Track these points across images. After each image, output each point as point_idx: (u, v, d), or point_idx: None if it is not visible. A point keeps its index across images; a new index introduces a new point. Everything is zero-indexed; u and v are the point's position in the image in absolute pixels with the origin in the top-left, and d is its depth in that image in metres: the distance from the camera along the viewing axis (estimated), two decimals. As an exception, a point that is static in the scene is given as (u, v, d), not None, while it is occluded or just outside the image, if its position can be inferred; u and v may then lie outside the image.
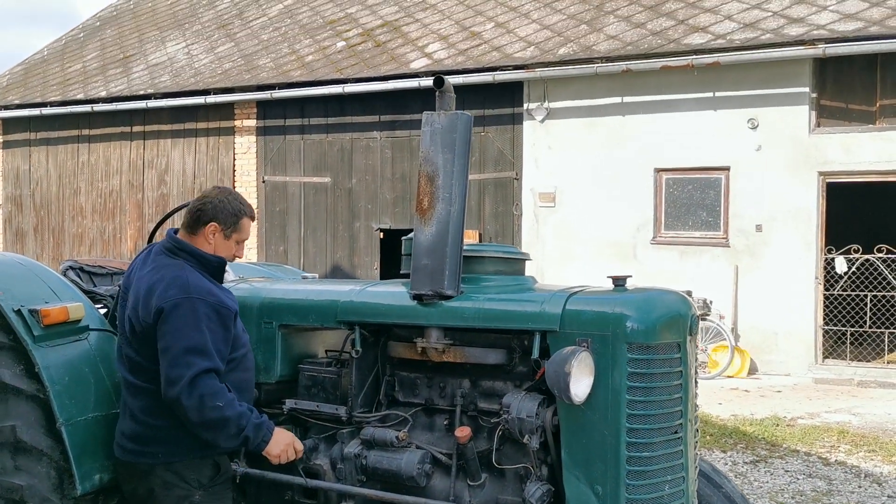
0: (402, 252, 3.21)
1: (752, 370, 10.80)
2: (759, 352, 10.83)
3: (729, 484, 3.39)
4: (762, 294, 10.77)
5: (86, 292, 3.44)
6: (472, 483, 2.88)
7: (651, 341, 2.62)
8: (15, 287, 3.05)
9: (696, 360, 2.95)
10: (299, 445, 2.93)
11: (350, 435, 3.11)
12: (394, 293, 3.11)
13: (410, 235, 3.09)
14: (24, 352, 2.95)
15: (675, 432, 2.69)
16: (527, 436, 2.69)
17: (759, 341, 10.83)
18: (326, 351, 3.42)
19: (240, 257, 3.12)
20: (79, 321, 3.08)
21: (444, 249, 2.90)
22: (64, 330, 3.04)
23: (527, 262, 3.28)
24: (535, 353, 2.74)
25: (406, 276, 3.09)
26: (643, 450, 2.60)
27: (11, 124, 15.79)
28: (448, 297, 2.92)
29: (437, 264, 2.90)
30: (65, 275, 3.69)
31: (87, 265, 4.09)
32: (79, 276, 3.97)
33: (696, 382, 2.91)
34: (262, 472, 3.15)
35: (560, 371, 2.48)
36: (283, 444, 2.87)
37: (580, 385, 2.52)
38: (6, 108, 15.49)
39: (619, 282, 2.84)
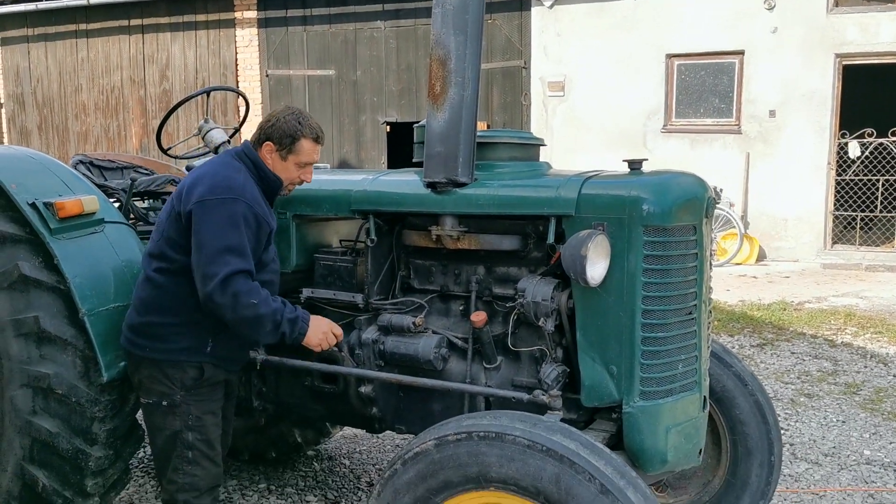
0: (415, 140, 3.17)
1: (761, 257, 10.86)
2: (768, 239, 10.86)
3: (739, 364, 3.46)
4: (773, 181, 10.71)
5: (98, 186, 3.43)
6: (487, 366, 2.94)
7: (667, 223, 2.61)
8: (28, 181, 3.05)
9: (712, 241, 2.95)
10: (338, 330, 2.94)
11: (367, 322, 3.16)
12: (407, 181, 3.09)
13: (423, 122, 3.04)
14: (41, 244, 2.96)
15: (690, 313, 2.72)
16: (542, 319, 2.72)
17: (768, 228, 10.84)
18: (341, 241, 3.43)
19: (307, 181, 3.00)
20: (93, 214, 3.09)
21: (457, 136, 2.86)
22: (80, 223, 3.05)
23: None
24: (551, 238, 2.74)
25: (419, 164, 3.07)
26: (658, 330, 2.63)
27: (8, 20, 15.41)
28: (462, 185, 2.90)
29: (451, 151, 2.87)
30: (75, 169, 3.67)
31: (96, 159, 4.07)
32: (89, 171, 3.96)
33: (710, 265, 2.92)
34: (281, 360, 3.23)
35: (576, 254, 2.49)
36: (320, 332, 2.87)
37: (596, 268, 2.53)
38: (1, 3, 15.09)
39: (634, 165, 2.81)
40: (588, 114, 11.57)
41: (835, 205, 10.60)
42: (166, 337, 2.84)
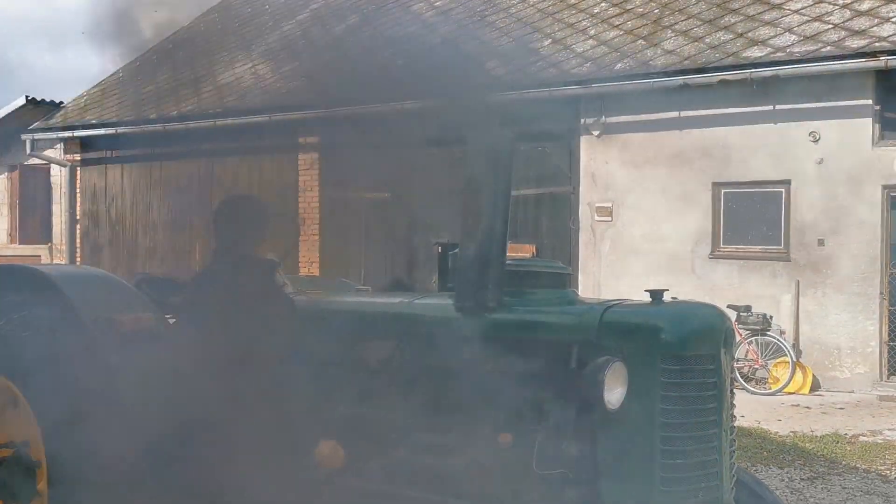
0: (449, 266, 3.38)
1: (815, 386, 10.62)
2: (821, 368, 10.65)
3: (771, 495, 3.46)
4: (825, 309, 10.60)
5: (157, 303, 3.69)
6: (514, 487, 3.01)
7: (684, 353, 2.72)
8: (93, 298, 3.33)
9: (733, 371, 3.03)
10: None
11: (399, 440, 3.27)
12: (440, 305, 3.28)
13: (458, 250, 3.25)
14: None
15: (710, 441, 2.79)
16: (565, 442, 2.82)
17: (821, 357, 10.65)
18: (378, 360, 3.59)
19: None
20: (150, 329, 3.33)
21: (486, 264, 3.06)
22: (137, 338, 3.29)
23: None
24: (573, 363, 2.87)
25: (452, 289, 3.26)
26: (676, 457, 2.70)
27: (89, 143, 16.52)
28: (490, 310, 3.07)
29: (480, 278, 3.06)
30: (138, 286, 3.95)
31: (158, 277, 4.36)
32: (150, 288, 4.24)
33: (732, 393, 2.99)
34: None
35: (594, 380, 2.61)
36: None
37: (613, 394, 2.65)
38: (84, 126, 16.23)
39: (655, 295, 2.95)
40: (636, 239, 11.73)
41: (889, 335, 10.41)
42: None
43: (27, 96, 16.60)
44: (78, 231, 16.83)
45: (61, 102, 17.53)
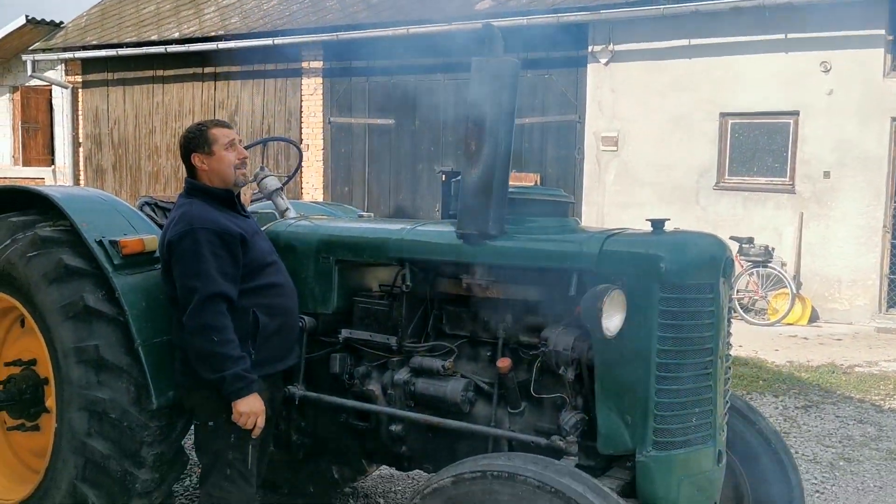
0: (452, 193, 3.38)
1: (814, 318, 10.71)
2: (821, 300, 10.72)
3: (763, 421, 3.52)
4: (827, 241, 10.62)
5: (159, 226, 3.72)
6: (511, 410, 3.08)
7: (683, 281, 2.74)
8: (97, 220, 3.35)
9: (730, 300, 3.05)
10: (262, 421, 3.07)
11: (400, 363, 3.33)
12: (442, 232, 3.29)
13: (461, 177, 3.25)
14: (105, 279, 3.25)
15: (705, 368, 2.83)
16: (563, 368, 2.87)
17: (821, 289, 10.72)
18: (380, 285, 3.63)
19: (244, 156, 3.26)
20: (153, 252, 3.36)
21: (489, 191, 3.05)
22: (140, 260, 3.33)
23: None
24: (573, 291, 2.89)
25: (455, 216, 3.26)
26: (672, 383, 2.74)
27: (90, 64, 16.33)
28: (492, 237, 3.08)
29: (483, 205, 3.06)
30: (141, 209, 3.98)
31: (161, 201, 4.38)
32: (154, 211, 4.26)
33: (729, 322, 3.02)
34: (319, 396, 3.43)
35: (593, 307, 2.63)
36: (251, 406, 3.00)
37: (612, 320, 2.67)
38: (85, 48, 16.01)
39: (656, 224, 2.95)
40: (641, 169, 11.67)
41: (891, 268, 10.44)
42: (188, 370, 3.09)
43: (27, 16, 16.31)
44: (81, 153, 16.78)
45: (62, 22, 17.25)
